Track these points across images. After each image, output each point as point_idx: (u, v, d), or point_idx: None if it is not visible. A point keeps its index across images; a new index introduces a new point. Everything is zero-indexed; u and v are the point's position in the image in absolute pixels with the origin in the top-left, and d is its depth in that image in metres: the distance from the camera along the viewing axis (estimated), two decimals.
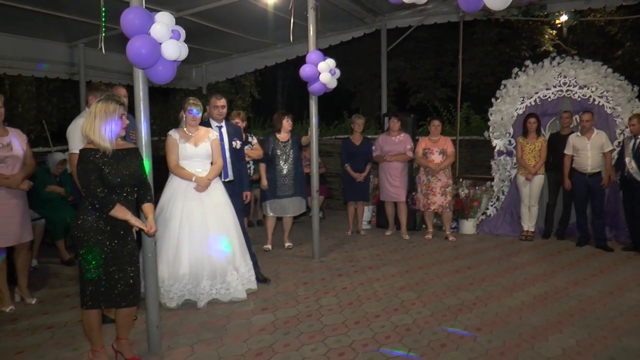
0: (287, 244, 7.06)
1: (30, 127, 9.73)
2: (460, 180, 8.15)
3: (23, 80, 9.50)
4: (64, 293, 5.39)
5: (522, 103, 7.88)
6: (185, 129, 5.01)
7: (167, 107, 12.22)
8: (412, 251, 6.85)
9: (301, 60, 6.32)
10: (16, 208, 4.83)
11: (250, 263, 5.24)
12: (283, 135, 6.81)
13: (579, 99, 7.57)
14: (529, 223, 7.42)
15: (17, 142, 4.86)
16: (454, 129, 9.99)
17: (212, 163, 5.09)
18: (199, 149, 4.96)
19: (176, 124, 5.72)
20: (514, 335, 4.10)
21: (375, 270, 5.96)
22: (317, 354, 3.84)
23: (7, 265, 4.94)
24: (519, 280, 5.51)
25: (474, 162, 10.05)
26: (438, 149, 7.36)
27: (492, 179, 8.12)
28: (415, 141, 7.74)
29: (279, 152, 6.74)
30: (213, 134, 5.13)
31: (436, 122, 7.55)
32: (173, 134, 4.98)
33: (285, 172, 6.74)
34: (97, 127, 3.36)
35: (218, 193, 5.09)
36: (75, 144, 4.47)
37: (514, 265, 6.13)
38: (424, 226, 7.95)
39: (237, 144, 5.60)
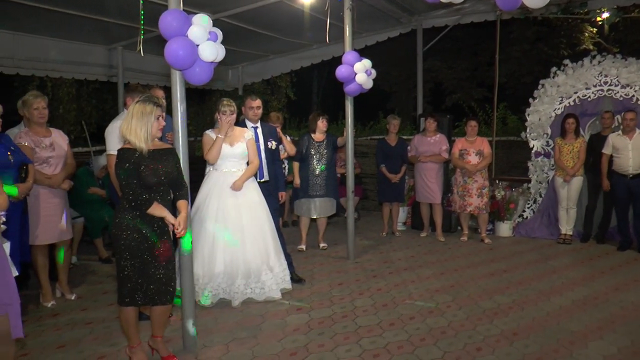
0: (322, 245, 7.09)
1: (70, 128, 9.98)
2: (497, 181, 8.05)
3: (64, 83, 9.75)
4: (102, 290, 5.53)
5: (560, 103, 7.73)
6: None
7: (203, 108, 12.38)
8: (448, 253, 6.80)
9: (337, 61, 6.33)
10: (58, 207, 4.98)
11: (284, 263, 5.28)
12: (318, 136, 6.85)
13: (621, 98, 7.38)
14: (567, 226, 7.28)
15: (59, 143, 5.02)
16: (490, 129, 9.87)
17: (247, 163, 5.14)
18: (234, 148, 5.02)
19: (212, 124, 5.80)
20: (552, 341, 4.03)
21: (410, 272, 5.94)
22: (352, 355, 3.85)
23: (48, 262, 5.09)
24: (557, 284, 5.42)
25: (510, 163, 9.92)
26: (475, 149, 7.29)
27: (529, 181, 7.99)
28: (450, 142, 7.68)
29: (313, 151, 6.77)
30: (248, 134, 5.18)
31: (473, 123, 7.47)
32: (210, 132, 5.07)
33: (318, 172, 6.77)
34: (133, 127, 3.44)
35: (253, 192, 5.14)
36: (113, 145, 4.56)
37: (551, 268, 6.03)
38: (459, 228, 7.88)
39: (273, 144, 5.64)
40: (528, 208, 7.89)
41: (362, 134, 12.18)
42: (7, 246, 2.94)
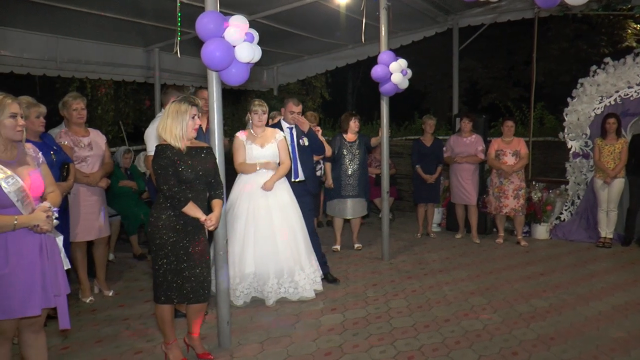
0: (356, 245, 7.08)
1: (108, 128, 10.16)
2: (533, 183, 7.90)
3: (102, 84, 9.95)
4: (138, 287, 5.64)
5: (600, 102, 7.55)
6: (251, 130, 5.12)
7: (238, 109, 12.47)
8: (483, 255, 6.72)
9: (372, 61, 6.32)
10: (96, 205, 5.11)
11: (315, 264, 5.30)
12: (350, 136, 6.84)
13: None
14: (606, 229, 7.10)
15: (97, 142, 5.14)
16: (527, 130, 9.69)
17: (279, 163, 5.16)
18: (265, 149, 5.04)
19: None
20: (591, 347, 3.95)
21: (445, 274, 5.90)
22: (386, 356, 3.84)
23: (87, 259, 5.22)
24: (596, 289, 5.30)
25: (547, 164, 9.72)
26: (511, 150, 7.18)
27: (566, 182, 7.83)
28: (486, 142, 7.58)
29: (345, 152, 6.77)
30: (280, 134, 5.20)
31: (509, 123, 7.36)
32: (240, 135, 5.09)
33: (350, 172, 6.76)
34: (168, 127, 3.51)
35: (284, 193, 5.17)
36: (152, 145, 4.66)
37: (590, 272, 5.90)
38: (494, 230, 7.78)
39: (305, 141, 5.65)
40: (566, 210, 7.73)
41: (397, 134, 12.12)
42: (60, 240, 3.04)
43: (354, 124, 6.83)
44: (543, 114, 11.22)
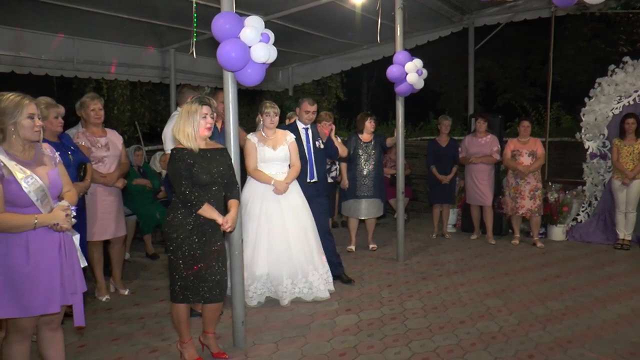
0: (371, 246, 7.07)
1: (124, 128, 10.25)
2: (550, 183, 7.83)
3: (119, 84, 10.04)
4: (154, 286, 5.68)
5: (618, 102, 7.46)
6: (262, 132, 5.12)
7: (253, 109, 12.51)
8: (498, 256, 6.68)
9: (387, 61, 6.31)
10: (112, 204, 5.16)
11: (327, 264, 5.30)
12: (366, 136, 6.83)
13: None
14: (625, 231, 7.01)
15: (113, 143, 5.19)
16: (543, 130, 9.60)
17: (289, 166, 5.17)
18: (277, 152, 5.04)
19: None
20: (609, 351, 3.89)
21: (460, 275, 5.87)
22: (401, 358, 3.83)
23: (103, 257, 5.27)
24: (614, 292, 5.23)
25: (564, 165, 9.62)
26: (527, 150, 7.12)
27: (583, 183, 7.75)
28: (502, 143, 7.53)
29: (360, 152, 6.76)
30: (290, 136, 5.20)
31: (526, 123, 7.30)
32: (251, 137, 5.07)
33: (365, 172, 6.75)
34: (182, 128, 3.54)
35: (295, 195, 5.17)
36: (169, 145, 4.71)
37: (608, 275, 5.83)
38: (510, 231, 7.72)
39: (320, 143, 5.66)
40: (583, 211, 7.66)
41: (412, 134, 12.08)
42: (76, 238, 3.08)
43: (369, 124, 6.82)
44: (559, 114, 11.11)
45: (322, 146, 5.67)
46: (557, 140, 9.75)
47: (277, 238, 4.98)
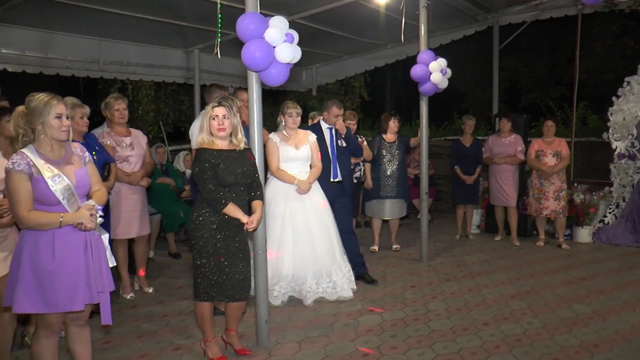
0: (394, 246, 7.05)
1: (148, 128, 10.35)
2: (575, 184, 7.71)
3: (144, 85, 10.14)
4: (177, 284, 5.73)
5: None
6: (284, 131, 5.13)
7: (277, 109, 12.55)
8: (523, 258, 6.60)
9: (411, 61, 6.27)
10: (136, 203, 5.22)
11: (349, 264, 5.30)
12: (390, 136, 6.81)
13: None
14: None
15: (138, 142, 5.25)
16: (569, 130, 9.46)
17: (310, 165, 5.18)
18: (300, 151, 5.06)
19: None
20: (638, 356, 3.82)
21: (484, 277, 5.82)
22: (424, 359, 3.81)
23: (128, 256, 5.33)
24: None
25: (590, 165, 9.47)
26: (552, 150, 7.02)
27: (610, 184, 7.62)
28: (527, 143, 7.43)
29: (384, 152, 6.74)
30: (312, 136, 5.21)
31: (549, 123, 7.20)
32: (273, 137, 5.09)
33: (389, 172, 6.72)
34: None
35: (317, 194, 5.19)
36: (195, 141, 4.76)
37: (636, 278, 5.71)
38: (535, 232, 7.61)
39: (343, 142, 5.66)
40: (610, 213, 7.53)
41: (435, 134, 11.99)
42: (105, 237, 3.12)
43: (393, 124, 6.79)
44: (586, 114, 10.94)
45: (344, 144, 5.66)
46: (584, 140, 9.60)
47: (301, 237, 4.99)
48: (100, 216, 2.98)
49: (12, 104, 4.35)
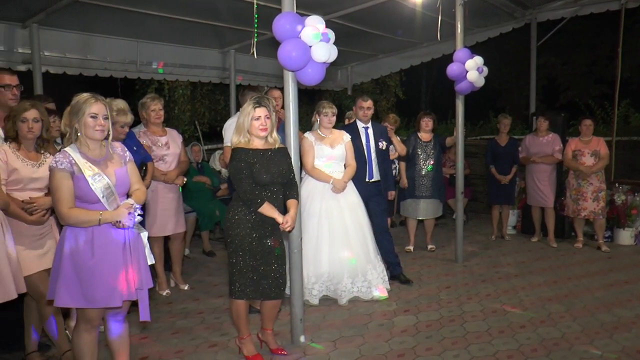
0: (429, 246, 6.99)
1: (184, 128, 10.50)
2: (616, 185, 7.49)
3: (180, 85, 10.28)
4: (213, 282, 5.78)
5: None
6: (319, 131, 5.14)
7: (312, 108, 12.59)
8: (560, 260, 6.46)
9: (447, 59, 6.21)
10: (172, 201, 5.28)
11: (382, 263, 5.29)
12: (425, 135, 6.76)
13: None
14: None
15: (174, 141, 5.32)
16: (610, 128, 9.22)
17: (345, 165, 5.18)
18: (335, 150, 5.07)
19: None
20: None
21: (520, 278, 5.72)
22: None
23: (163, 253, 5.41)
24: None
25: (633, 165, 9.21)
26: (590, 150, 6.83)
27: None
28: (565, 142, 7.26)
29: (419, 151, 6.69)
30: (347, 136, 5.21)
31: (587, 122, 7.00)
32: (309, 136, 5.11)
33: (424, 172, 6.67)
34: (239, 126, 3.66)
35: (352, 193, 5.19)
36: (228, 138, 4.82)
37: None
38: (573, 234, 7.44)
39: (383, 144, 5.65)
40: None
41: (471, 133, 11.85)
42: (144, 235, 3.18)
43: (424, 123, 6.75)
44: (628, 112, 10.66)
45: (384, 147, 5.65)
46: (625, 140, 9.34)
47: (337, 236, 5.00)
48: (139, 215, 3.03)
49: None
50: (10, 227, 3.41)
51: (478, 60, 5.89)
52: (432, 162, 6.67)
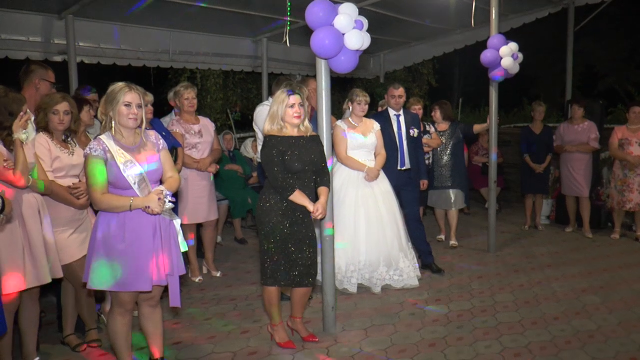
0: (451, 242, 6.65)
1: (217, 116, 10.55)
2: None
3: (212, 74, 10.34)
4: (245, 269, 5.84)
5: None
6: (350, 119, 5.12)
7: (344, 96, 12.53)
8: (596, 251, 6.33)
9: (480, 46, 6.09)
10: (204, 189, 5.33)
11: (413, 252, 5.28)
12: (441, 125, 6.67)
13: None
14: None
15: (206, 130, 5.36)
16: None
17: (375, 154, 5.17)
18: (367, 139, 5.06)
19: None
20: None
21: (554, 269, 5.62)
22: (491, 352, 3.74)
23: (196, 240, 5.48)
24: None
25: None
26: (637, 139, 6.56)
27: None
28: (602, 130, 7.05)
29: None
30: (376, 125, 5.19)
31: (637, 109, 6.68)
32: (341, 124, 5.10)
33: (443, 162, 6.56)
34: (272, 114, 3.68)
35: (385, 182, 5.19)
36: (260, 123, 4.91)
37: None
38: (609, 224, 7.26)
39: (415, 132, 5.60)
40: None
41: (504, 121, 11.64)
42: (177, 222, 3.24)
43: (433, 113, 6.68)
44: None
45: (415, 135, 5.60)
46: None
47: (373, 224, 5.00)
48: (170, 201, 3.07)
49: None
50: (55, 213, 3.54)
51: (513, 46, 5.76)
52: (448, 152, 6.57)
